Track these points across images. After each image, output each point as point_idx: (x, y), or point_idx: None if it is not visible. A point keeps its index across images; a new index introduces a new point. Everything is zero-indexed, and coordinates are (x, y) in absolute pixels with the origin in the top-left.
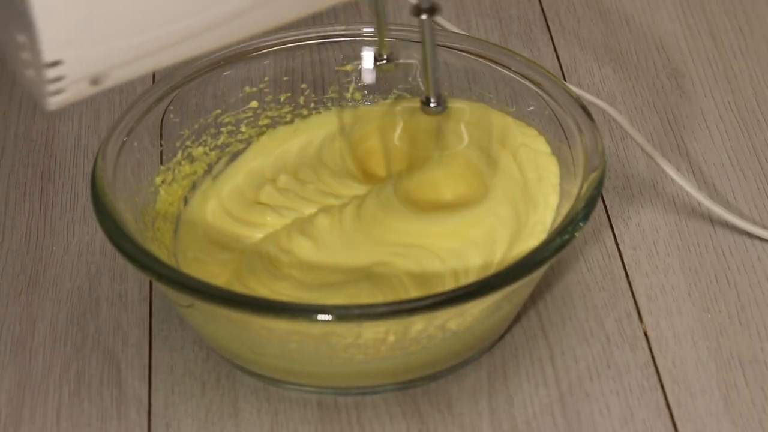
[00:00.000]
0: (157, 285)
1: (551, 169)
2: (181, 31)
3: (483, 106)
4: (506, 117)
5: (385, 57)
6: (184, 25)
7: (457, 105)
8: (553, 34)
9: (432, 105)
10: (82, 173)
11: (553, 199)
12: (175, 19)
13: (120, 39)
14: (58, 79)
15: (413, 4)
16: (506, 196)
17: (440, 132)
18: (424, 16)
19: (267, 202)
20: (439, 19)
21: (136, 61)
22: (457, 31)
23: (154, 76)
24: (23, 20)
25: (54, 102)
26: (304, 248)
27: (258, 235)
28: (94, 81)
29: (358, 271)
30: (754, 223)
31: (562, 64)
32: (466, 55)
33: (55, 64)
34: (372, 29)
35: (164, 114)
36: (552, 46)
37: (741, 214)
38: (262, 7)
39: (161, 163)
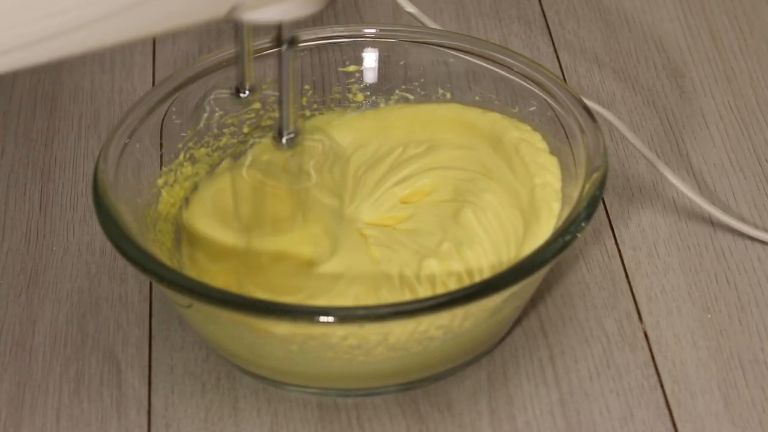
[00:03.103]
0: (157, 286)
1: (552, 170)
2: (57, 26)
3: (458, 106)
4: (492, 113)
5: (247, 88)
6: (59, 20)
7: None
8: (553, 34)
9: (285, 140)
10: (82, 173)
11: (556, 206)
12: (52, 14)
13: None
14: None
15: (274, 35)
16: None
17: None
18: (284, 47)
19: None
20: (439, 19)
21: (14, 51)
22: (455, 30)
23: (154, 78)
24: None
25: None
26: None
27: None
28: None
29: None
30: (756, 227)
31: (562, 64)
32: (467, 55)
33: None
34: (373, 30)
35: (166, 115)
36: (552, 46)
37: (741, 218)
38: (115, 17)
39: (163, 164)
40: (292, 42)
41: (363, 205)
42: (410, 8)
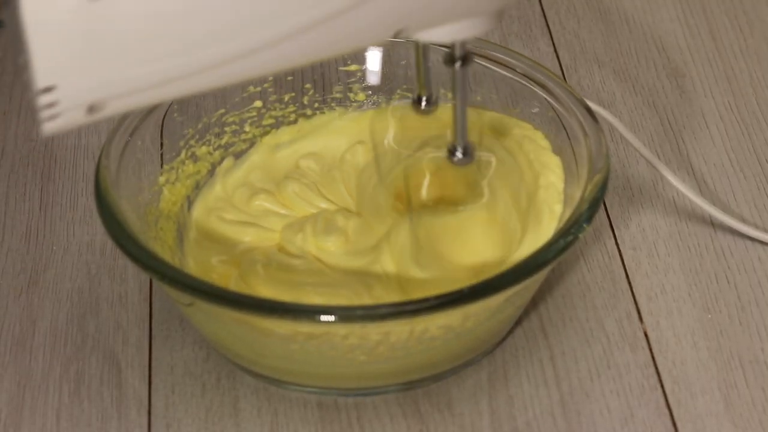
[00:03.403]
0: (159, 285)
1: (555, 170)
2: (185, 66)
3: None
4: (491, 112)
5: (424, 98)
6: (187, 60)
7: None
8: (553, 34)
9: (458, 156)
10: (82, 173)
11: (558, 208)
12: (178, 54)
13: (118, 70)
14: (51, 104)
15: (446, 52)
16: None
17: (472, 184)
18: (457, 65)
19: (269, 204)
20: None
21: (135, 93)
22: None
23: None
24: (22, 41)
25: (48, 128)
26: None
27: (260, 234)
28: (91, 109)
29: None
30: (756, 227)
31: (562, 65)
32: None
33: (48, 89)
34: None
35: (167, 113)
36: (552, 46)
37: (741, 218)
38: (270, 49)
39: (164, 162)
40: (465, 59)
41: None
42: None
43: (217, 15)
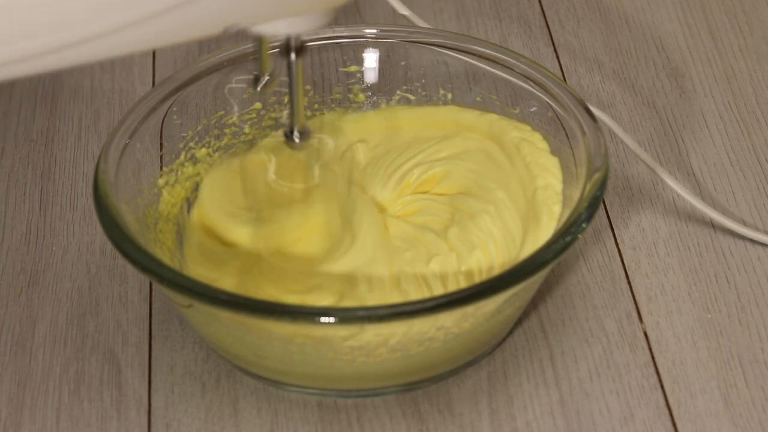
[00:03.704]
0: (158, 286)
1: (554, 171)
2: (18, 51)
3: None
4: (490, 114)
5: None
6: (17, 48)
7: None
8: (553, 34)
9: (296, 139)
10: (82, 173)
11: (557, 209)
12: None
13: None
14: None
15: (281, 43)
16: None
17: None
18: (293, 56)
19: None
20: (439, 18)
21: None
22: (455, 30)
23: (154, 78)
24: None
25: None
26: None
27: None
28: None
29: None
30: (756, 229)
31: (562, 64)
32: (467, 56)
33: None
34: (374, 31)
35: (166, 115)
36: (552, 46)
37: (741, 221)
38: (110, 36)
39: (163, 164)
40: (300, 50)
41: (376, 190)
42: (404, 11)
43: (44, 6)
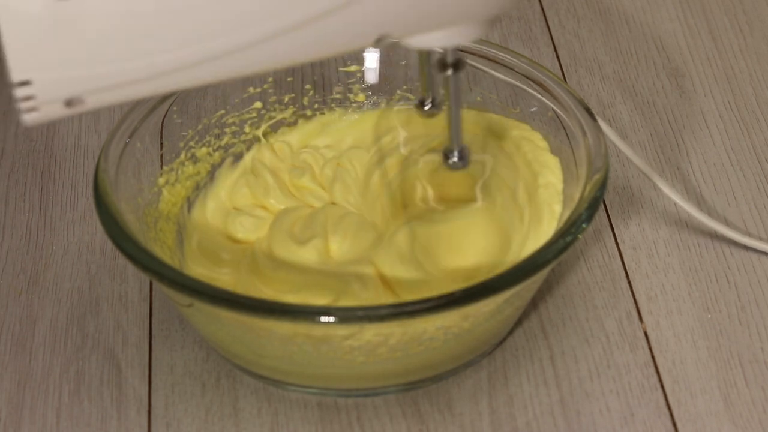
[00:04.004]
0: (158, 286)
1: (554, 170)
2: (160, 65)
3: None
4: (489, 114)
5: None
6: (160, 60)
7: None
8: (553, 34)
9: (454, 160)
10: (82, 173)
11: (558, 208)
12: (150, 53)
13: (91, 67)
14: (28, 98)
15: (437, 58)
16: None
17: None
18: (449, 72)
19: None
20: None
21: (113, 89)
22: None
23: None
24: None
25: (28, 119)
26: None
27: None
28: (69, 103)
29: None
30: (753, 237)
31: (562, 64)
32: (467, 55)
33: (24, 83)
34: None
35: (167, 115)
36: (552, 46)
37: (739, 228)
38: (245, 51)
39: (164, 164)
40: (457, 66)
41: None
42: None
43: (191, 16)
